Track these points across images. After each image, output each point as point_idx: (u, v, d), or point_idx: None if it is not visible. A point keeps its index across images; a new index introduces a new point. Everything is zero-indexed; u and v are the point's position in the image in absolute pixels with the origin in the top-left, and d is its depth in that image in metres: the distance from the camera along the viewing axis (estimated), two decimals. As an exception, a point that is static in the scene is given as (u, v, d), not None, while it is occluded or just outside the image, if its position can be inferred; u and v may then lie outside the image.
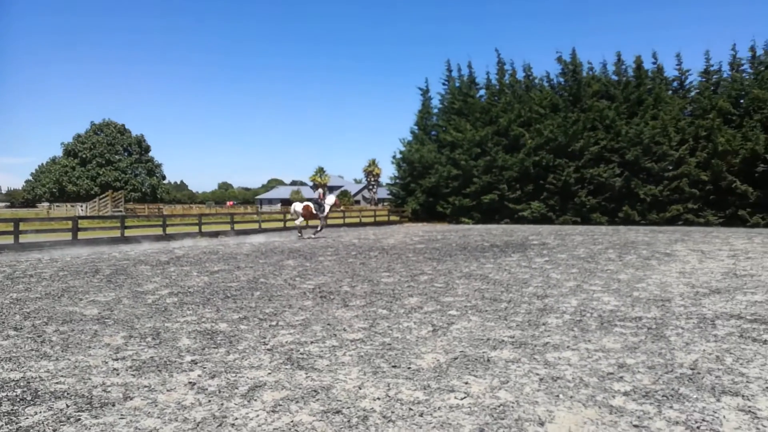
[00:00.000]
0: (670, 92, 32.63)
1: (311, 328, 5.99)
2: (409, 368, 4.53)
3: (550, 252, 14.17)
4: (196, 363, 4.75)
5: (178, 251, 15.69)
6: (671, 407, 3.65)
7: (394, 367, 4.57)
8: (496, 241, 18.09)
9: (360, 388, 4.06)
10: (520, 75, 37.74)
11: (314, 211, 21.40)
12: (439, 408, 3.67)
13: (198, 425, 3.44)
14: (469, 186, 34.79)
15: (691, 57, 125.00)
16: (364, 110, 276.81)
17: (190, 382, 4.25)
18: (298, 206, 21.67)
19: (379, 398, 3.86)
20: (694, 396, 3.85)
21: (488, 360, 4.74)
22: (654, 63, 33.53)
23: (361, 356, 4.88)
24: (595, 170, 31.25)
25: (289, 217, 24.03)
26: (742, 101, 29.35)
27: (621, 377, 4.26)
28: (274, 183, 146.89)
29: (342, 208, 23.14)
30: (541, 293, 8.06)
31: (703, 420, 3.43)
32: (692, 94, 32.09)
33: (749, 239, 18.08)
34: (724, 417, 3.48)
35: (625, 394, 3.90)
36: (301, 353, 5.00)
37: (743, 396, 3.83)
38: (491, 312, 6.75)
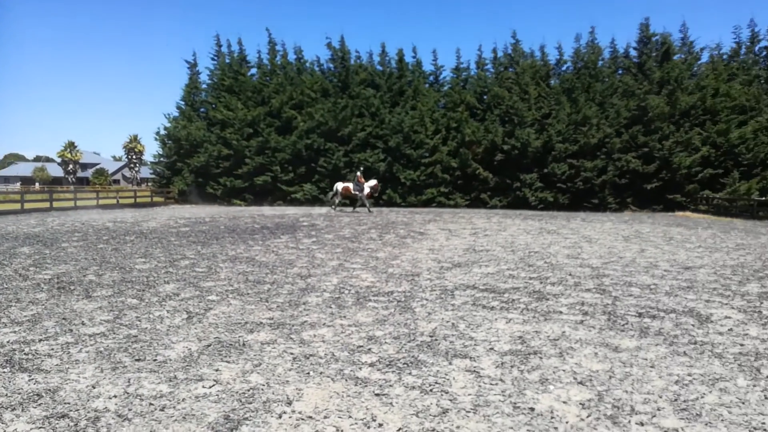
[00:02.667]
0: (427, 85, 35.70)
1: (42, 324, 5.22)
2: (155, 360, 4.20)
3: (318, 233, 14.53)
4: None
5: None
6: (410, 373, 3.95)
7: (138, 360, 4.19)
8: (267, 223, 17.97)
9: (94, 387, 3.63)
10: (292, 57, 37.78)
11: (353, 191, 25.09)
12: (183, 399, 3.46)
13: None
14: (241, 167, 33.96)
15: (446, 54, 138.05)
16: (124, 80, 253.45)
17: None
18: (339, 186, 25.56)
19: (115, 396, 3.50)
20: (431, 361, 4.22)
21: (244, 344, 4.63)
22: (414, 57, 36.32)
23: (100, 352, 4.38)
24: (363, 155, 32.91)
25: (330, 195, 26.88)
26: (485, 97, 33.47)
27: (369, 349, 4.50)
28: (12, 159, 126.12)
29: (376, 190, 26.31)
30: (305, 273, 8.18)
31: (436, 383, 3.78)
32: (445, 88, 35.53)
33: (488, 219, 20.77)
34: (453, 378, 3.87)
35: (371, 365, 4.12)
36: (25, 353, 4.32)
37: (471, 358, 4.32)
38: (253, 295, 6.64)
